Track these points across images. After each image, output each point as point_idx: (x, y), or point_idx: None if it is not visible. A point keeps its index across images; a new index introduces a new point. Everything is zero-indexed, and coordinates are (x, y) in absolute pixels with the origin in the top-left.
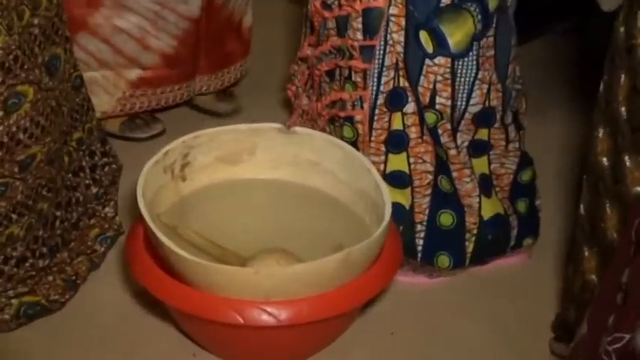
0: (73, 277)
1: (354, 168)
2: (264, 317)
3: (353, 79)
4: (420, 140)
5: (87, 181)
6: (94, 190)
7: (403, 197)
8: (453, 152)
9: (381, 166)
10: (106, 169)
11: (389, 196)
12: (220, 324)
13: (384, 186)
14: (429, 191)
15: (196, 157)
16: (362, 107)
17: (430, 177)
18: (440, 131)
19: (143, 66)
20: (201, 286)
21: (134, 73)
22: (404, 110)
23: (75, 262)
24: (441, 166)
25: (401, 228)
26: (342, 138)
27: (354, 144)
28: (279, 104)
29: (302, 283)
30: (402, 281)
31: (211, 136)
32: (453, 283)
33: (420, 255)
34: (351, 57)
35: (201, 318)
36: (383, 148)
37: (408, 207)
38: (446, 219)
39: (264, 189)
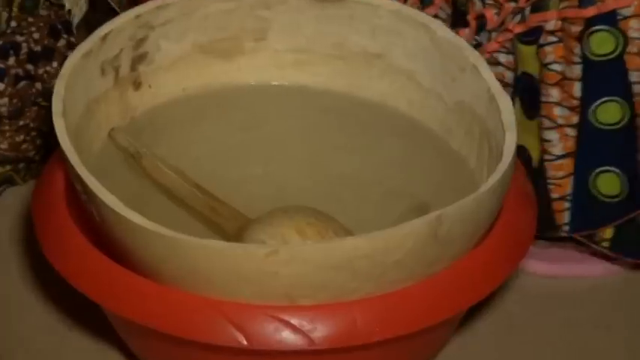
0: None
1: (449, 65)
2: (286, 336)
3: None
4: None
5: None
6: None
7: (529, 136)
8: None
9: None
10: None
11: (512, 114)
12: (207, 347)
13: (503, 97)
14: (574, 118)
15: (160, 44)
16: None
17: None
18: None
19: None
20: (172, 278)
21: None
22: None
23: None
24: None
25: None
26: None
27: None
28: None
29: (353, 273)
30: (537, 271)
31: (187, 5)
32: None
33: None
34: None
35: (174, 337)
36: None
37: (536, 160)
38: (607, 182)
39: (282, 103)
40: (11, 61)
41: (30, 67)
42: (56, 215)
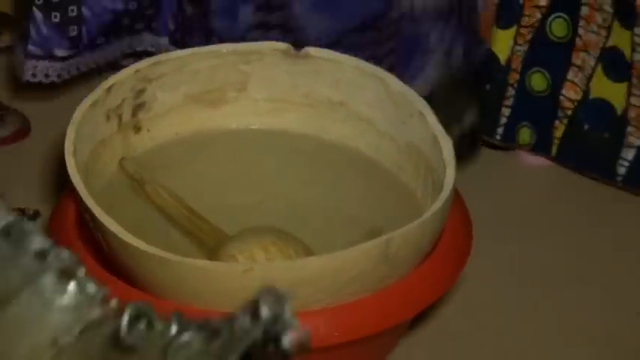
0: None
1: (400, 112)
2: None
3: None
4: None
5: None
6: None
7: (505, 38)
8: None
9: None
10: None
11: (452, 153)
12: None
13: (445, 139)
14: (530, 36)
15: (156, 95)
16: None
17: (539, 15)
18: None
19: None
20: (165, 291)
21: None
22: None
23: None
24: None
25: (487, 87)
26: None
27: None
28: None
29: (316, 288)
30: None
31: (179, 61)
32: None
33: (500, 132)
34: None
35: None
36: None
37: (504, 59)
38: (538, 81)
39: (260, 145)
40: None
41: None
42: (69, 241)
